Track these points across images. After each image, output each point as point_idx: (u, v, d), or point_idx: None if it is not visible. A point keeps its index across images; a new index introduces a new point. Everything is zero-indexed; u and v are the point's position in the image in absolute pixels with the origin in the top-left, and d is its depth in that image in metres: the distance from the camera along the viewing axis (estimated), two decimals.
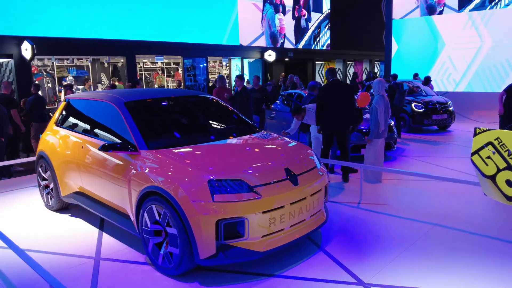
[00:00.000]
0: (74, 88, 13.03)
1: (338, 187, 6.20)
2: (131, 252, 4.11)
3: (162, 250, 3.59)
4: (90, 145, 4.57)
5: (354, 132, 7.13)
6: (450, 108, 11.73)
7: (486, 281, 3.41)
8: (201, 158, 3.84)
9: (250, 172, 3.55)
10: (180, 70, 17.64)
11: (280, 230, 3.55)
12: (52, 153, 5.23)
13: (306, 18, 22.70)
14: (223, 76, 10.28)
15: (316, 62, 24.73)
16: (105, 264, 3.88)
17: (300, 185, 3.71)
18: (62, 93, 11.41)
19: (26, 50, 11.53)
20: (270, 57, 19.69)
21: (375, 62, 30.11)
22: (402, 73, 17.33)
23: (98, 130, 4.65)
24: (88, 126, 4.88)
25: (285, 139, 4.65)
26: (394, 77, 12.30)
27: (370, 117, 6.39)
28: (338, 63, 25.88)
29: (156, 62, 17.88)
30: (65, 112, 5.44)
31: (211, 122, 5.07)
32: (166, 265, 3.56)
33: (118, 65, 16.34)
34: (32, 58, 11.70)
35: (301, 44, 22.52)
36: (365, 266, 3.69)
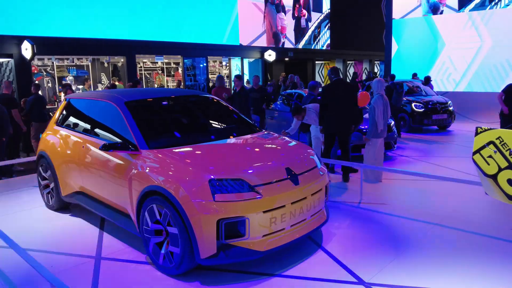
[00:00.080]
0: (74, 88, 13.04)
1: (338, 187, 6.20)
2: (132, 251, 4.11)
3: (163, 250, 3.59)
4: (90, 144, 4.58)
5: (354, 132, 7.13)
6: (450, 108, 11.74)
7: (486, 280, 3.41)
8: (201, 157, 3.84)
9: (250, 171, 3.56)
10: (180, 70, 17.64)
11: (280, 229, 3.56)
12: (52, 152, 5.23)
13: (306, 18, 22.70)
14: (222, 76, 10.29)
15: (316, 62, 24.73)
16: (105, 263, 3.88)
17: (300, 184, 3.71)
18: (62, 93, 11.41)
19: (26, 49, 11.53)
20: (270, 57, 19.69)
21: (375, 62, 30.11)
22: (402, 73, 17.33)
23: (98, 130, 4.66)
24: (88, 126, 4.88)
25: (285, 139, 4.65)
26: (392, 77, 12.30)
27: (368, 116, 6.39)
28: (338, 63, 25.86)
29: (156, 62, 17.88)
30: (65, 111, 5.45)
31: (212, 122, 5.08)
32: (167, 264, 3.56)
33: (118, 64, 16.34)
34: (32, 58, 11.69)
35: (301, 44, 22.51)
36: (365, 265, 3.69)
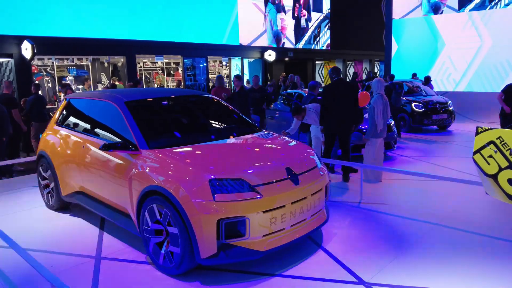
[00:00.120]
0: (74, 87, 13.04)
1: (338, 187, 6.20)
2: (132, 251, 4.11)
3: (163, 250, 3.59)
4: (90, 144, 4.58)
5: (354, 131, 7.13)
6: (450, 108, 11.74)
7: (486, 280, 3.41)
8: (202, 157, 3.84)
9: (251, 171, 3.55)
10: (180, 70, 17.64)
11: (281, 229, 3.56)
12: (52, 152, 5.23)
13: (306, 18, 22.70)
14: (222, 76, 10.30)
15: (316, 62, 24.73)
16: (106, 263, 3.88)
17: (300, 184, 3.71)
18: (62, 93, 11.41)
19: (26, 49, 11.52)
20: (270, 57, 19.69)
21: (375, 62, 30.11)
22: (402, 73, 17.33)
23: (98, 130, 4.66)
24: (88, 126, 4.88)
25: (285, 139, 4.65)
26: (391, 77, 12.31)
27: (368, 116, 6.40)
28: (338, 63, 25.86)
29: (156, 62, 17.88)
30: (65, 111, 5.44)
31: (212, 122, 5.08)
32: (167, 264, 3.56)
33: (118, 64, 16.34)
34: (32, 58, 11.69)
35: (301, 44, 22.51)
36: (366, 265, 3.69)
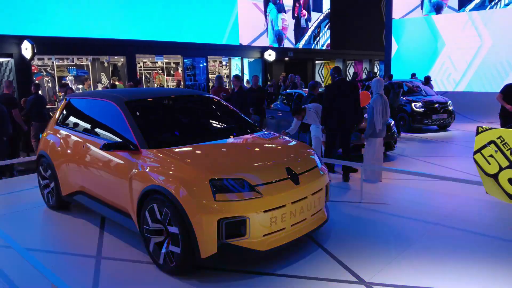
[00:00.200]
0: (74, 87, 13.04)
1: (338, 187, 6.20)
2: (132, 251, 4.11)
3: (163, 249, 3.58)
4: (91, 144, 4.57)
5: (354, 131, 7.14)
6: (450, 107, 11.75)
7: (486, 280, 3.41)
8: (202, 157, 3.85)
9: (251, 171, 3.55)
10: (180, 70, 17.64)
11: (281, 229, 3.56)
12: (53, 152, 5.23)
13: (306, 18, 22.71)
14: (221, 76, 10.32)
15: (316, 62, 24.75)
16: (106, 263, 3.88)
17: (301, 184, 3.71)
18: (61, 93, 11.41)
19: (26, 49, 11.54)
20: (270, 56, 19.69)
21: (375, 62, 30.13)
22: (402, 73, 17.34)
23: (99, 130, 4.65)
24: (89, 126, 4.88)
25: (285, 139, 4.66)
26: (389, 77, 12.33)
27: (367, 116, 6.40)
28: (338, 63, 25.88)
29: (156, 62, 17.89)
30: (66, 111, 5.44)
31: (212, 122, 5.08)
32: (167, 264, 3.56)
33: (118, 64, 16.35)
34: (32, 58, 11.70)
35: (301, 43, 22.52)
36: (366, 265, 3.69)
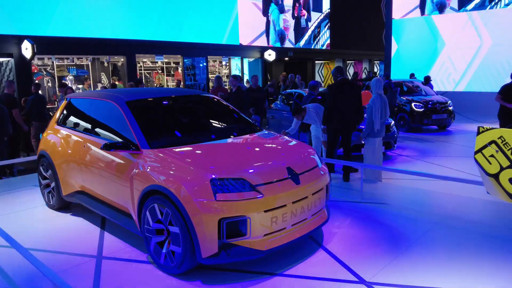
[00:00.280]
0: (74, 87, 13.03)
1: (339, 186, 6.21)
2: (133, 251, 4.11)
3: (164, 249, 3.59)
4: (91, 144, 4.58)
5: (354, 131, 7.13)
6: (450, 107, 11.76)
7: (487, 280, 3.42)
8: (203, 157, 3.85)
9: (252, 171, 3.56)
10: (180, 70, 17.64)
11: (282, 229, 3.56)
12: (53, 152, 5.23)
13: (306, 18, 22.71)
14: (220, 76, 10.35)
15: (316, 62, 24.75)
16: (107, 263, 3.89)
17: (301, 184, 3.71)
18: (60, 93, 11.40)
19: (26, 49, 11.53)
20: (270, 56, 19.69)
21: (375, 62, 30.14)
22: (402, 72, 17.35)
23: (99, 129, 4.66)
24: (89, 125, 4.88)
25: (286, 138, 4.66)
26: (386, 76, 12.39)
27: (366, 116, 6.41)
28: (338, 63, 25.90)
29: (156, 62, 17.89)
30: (66, 111, 5.44)
31: (213, 121, 5.08)
32: (168, 263, 3.57)
33: (118, 64, 16.34)
34: (32, 57, 11.70)
35: (301, 43, 22.52)
36: (366, 264, 3.70)
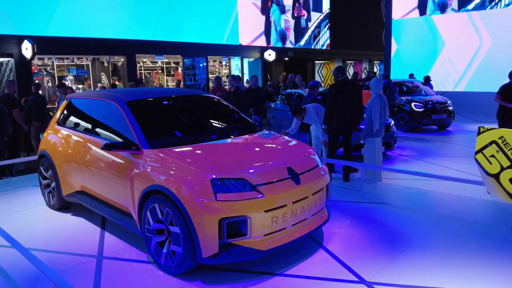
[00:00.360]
0: (74, 87, 13.03)
1: (339, 186, 6.21)
2: (134, 251, 4.11)
3: (164, 249, 3.59)
4: (92, 144, 4.58)
5: (355, 131, 7.14)
6: (450, 107, 11.77)
7: (487, 280, 3.42)
8: (203, 157, 3.85)
9: (252, 171, 3.56)
10: (180, 70, 17.64)
11: (282, 229, 3.56)
12: (53, 152, 5.23)
13: (306, 18, 22.72)
14: (220, 76, 10.37)
15: (316, 62, 24.76)
16: (107, 263, 3.89)
17: (302, 184, 3.71)
18: (59, 93, 11.39)
19: (27, 49, 11.54)
20: (270, 56, 19.69)
21: (375, 62, 30.16)
22: (401, 73, 17.35)
23: (100, 129, 4.66)
24: (90, 125, 4.88)
25: (286, 138, 4.66)
26: (385, 76, 12.42)
27: (366, 115, 6.41)
28: (337, 63, 25.92)
29: (156, 62, 17.89)
30: (66, 111, 5.44)
31: (213, 121, 5.09)
32: (168, 263, 3.57)
33: (118, 64, 16.35)
34: (32, 57, 11.70)
35: (301, 43, 22.53)
36: (367, 264, 3.70)
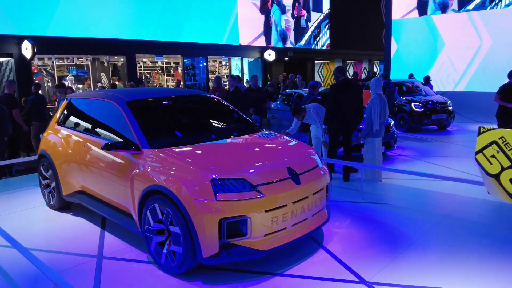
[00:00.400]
0: (74, 87, 13.03)
1: (339, 186, 6.21)
2: (134, 251, 4.12)
3: (165, 249, 3.59)
4: (92, 144, 4.58)
5: (355, 131, 7.13)
6: (450, 107, 11.77)
7: (487, 280, 3.42)
8: (203, 157, 3.85)
9: (252, 171, 3.56)
10: (180, 70, 17.64)
11: (282, 229, 3.56)
12: (53, 152, 5.23)
13: (306, 18, 22.72)
14: (220, 76, 10.38)
15: (315, 62, 24.76)
16: (107, 263, 3.89)
17: (302, 184, 3.71)
18: (58, 93, 11.38)
19: (27, 49, 11.54)
20: (270, 56, 19.69)
21: (375, 62, 30.16)
22: (401, 73, 17.35)
23: (100, 129, 4.66)
24: (90, 125, 4.89)
25: (286, 139, 4.66)
26: (384, 76, 12.44)
27: (365, 115, 6.42)
28: (337, 63, 25.92)
29: (156, 62, 17.89)
30: (66, 111, 5.44)
31: (213, 121, 5.09)
32: (169, 263, 3.57)
33: (118, 64, 16.35)
34: (32, 57, 11.70)
35: (301, 43, 22.53)
36: (367, 264, 3.70)
